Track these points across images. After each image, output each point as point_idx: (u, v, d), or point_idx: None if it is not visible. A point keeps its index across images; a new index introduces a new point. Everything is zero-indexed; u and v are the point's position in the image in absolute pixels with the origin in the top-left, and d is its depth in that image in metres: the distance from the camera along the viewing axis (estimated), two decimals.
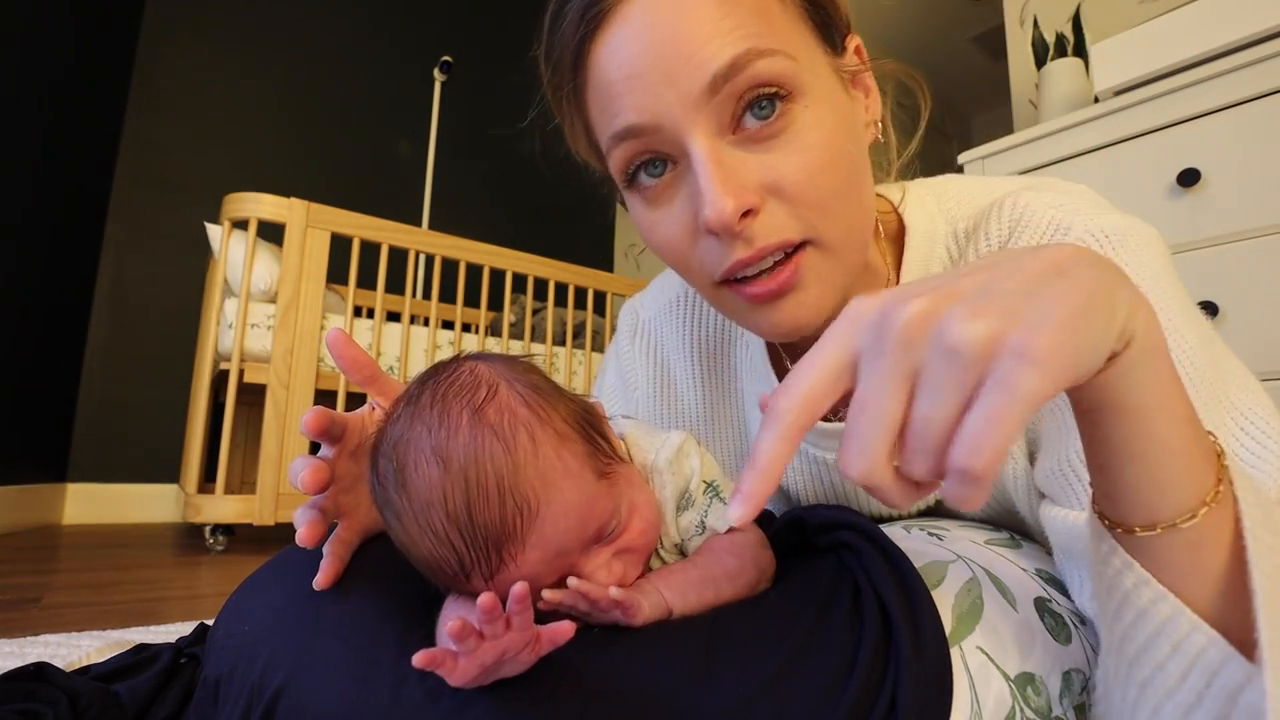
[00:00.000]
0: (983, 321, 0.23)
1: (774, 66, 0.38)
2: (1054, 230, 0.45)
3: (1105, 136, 1.25)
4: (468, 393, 0.38)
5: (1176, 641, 0.29)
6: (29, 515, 2.06)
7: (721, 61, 0.37)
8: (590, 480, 0.38)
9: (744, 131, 0.39)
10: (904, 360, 0.24)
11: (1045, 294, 0.24)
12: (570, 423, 0.39)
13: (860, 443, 0.24)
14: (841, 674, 0.35)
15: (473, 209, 3.15)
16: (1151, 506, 0.29)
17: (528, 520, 0.35)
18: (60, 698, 0.54)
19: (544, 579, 0.37)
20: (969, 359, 0.23)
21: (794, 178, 0.39)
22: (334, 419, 0.43)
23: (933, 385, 0.23)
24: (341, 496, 0.45)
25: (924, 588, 0.40)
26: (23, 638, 0.95)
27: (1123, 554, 0.30)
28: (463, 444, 0.36)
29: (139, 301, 2.43)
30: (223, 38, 2.65)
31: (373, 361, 0.48)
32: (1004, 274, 0.25)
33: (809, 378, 0.26)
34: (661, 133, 0.39)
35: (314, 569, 0.44)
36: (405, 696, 0.34)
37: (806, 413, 0.25)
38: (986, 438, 0.22)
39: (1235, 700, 0.28)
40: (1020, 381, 0.22)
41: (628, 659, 0.35)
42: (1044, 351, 0.22)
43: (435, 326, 2.09)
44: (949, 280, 0.26)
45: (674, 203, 0.42)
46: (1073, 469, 0.42)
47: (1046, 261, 0.25)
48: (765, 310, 0.42)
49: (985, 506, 0.55)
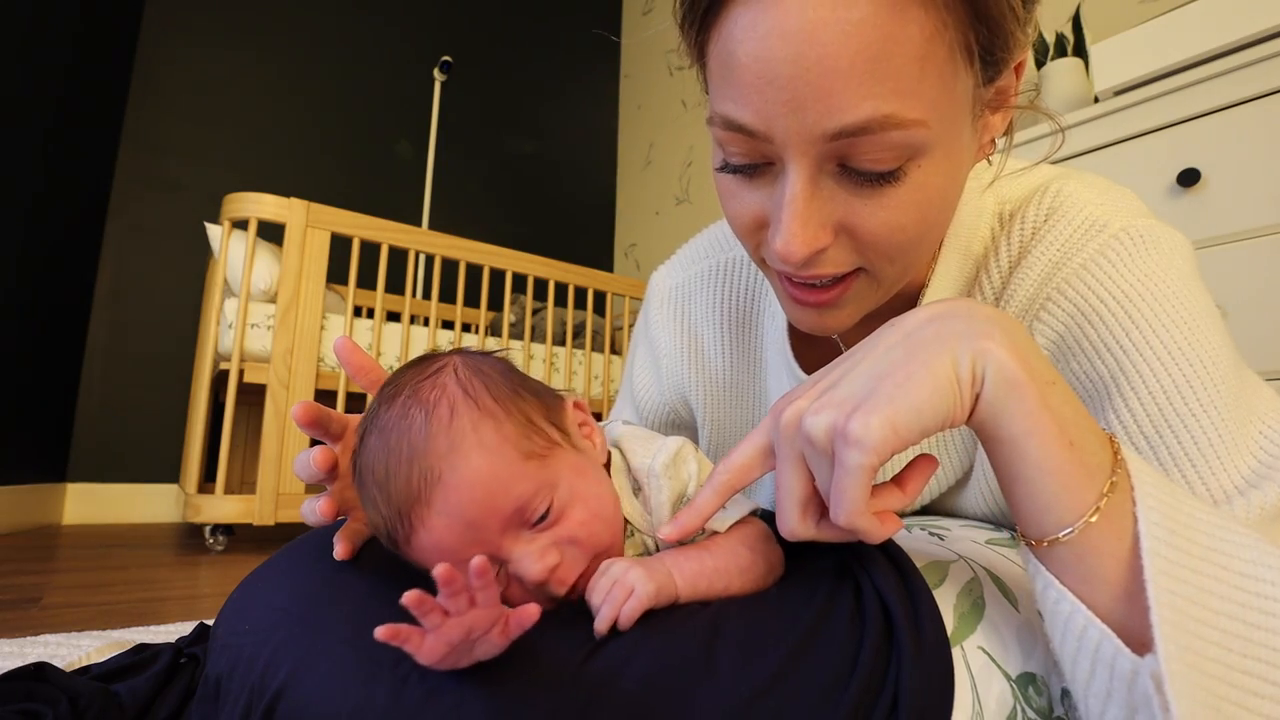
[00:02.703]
0: (822, 415, 0.32)
1: (907, 139, 0.35)
2: (1089, 225, 0.45)
3: (1105, 136, 1.25)
4: (417, 373, 0.41)
5: (1078, 637, 0.32)
6: (29, 515, 2.06)
7: (856, 118, 0.34)
8: (510, 457, 0.38)
9: (848, 172, 0.37)
10: (791, 448, 0.34)
11: (880, 370, 0.32)
12: (502, 402, 0.40)
13: (780, 511, 0.35)
14: (843, 673, 0.35)
15: (473, 209, 3.15)
16: (1038, 521, 0.33)
17: (430, 484, 0.36)
18: (60, 698, 0.54)
19: (460, 553, 0.36)
20: (818, 447, 0.32)
21: (875, 232, 0.38)
22: (327, 413, 0.44)
23: (811, 463, 0.33)
24: (347, 492, 0.46)
25: (926, 587, 0.40)
26: (23, 638, 0.95)
27: (1034, 561, 0.34)
28: (395, 415, 0.39)
29: (139, 301, 2.43)
30: (223, 38, 2.65)
31: (378, 366, 0.48)
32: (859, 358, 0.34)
33: (739, 457, 0.37)
34: (771, 145, 0.37)
35: (314, 568, 0.44)
36: (406, 697, 0.34)
37: (737, 478, 0.37)
38: (843, 504, 0.31)
39: (1133, 688, 0.30)
40: (848, 460, 0.30)
41: (629, 658, 0.35)
42: (858, 432, 0.30)
43: (435, 326, 2.09)
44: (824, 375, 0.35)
45: (756, 191, 0.40)
46: None
47: (899, 332, 0.34)
48: (800, 309, 0.44)
49: (986, 507, 0.55)
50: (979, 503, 0.56)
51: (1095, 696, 0.32)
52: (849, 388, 0.32)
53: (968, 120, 0.38)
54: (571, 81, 3.51)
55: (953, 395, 0.31)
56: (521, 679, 0.34)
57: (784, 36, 0.33)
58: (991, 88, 0.39)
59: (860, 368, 0.33)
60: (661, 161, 3.30)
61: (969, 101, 0.38)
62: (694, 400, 0.68)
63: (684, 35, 0.41)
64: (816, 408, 0.32)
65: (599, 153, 3.56)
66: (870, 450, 0.29)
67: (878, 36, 0.32)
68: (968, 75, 0.36)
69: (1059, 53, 1.50)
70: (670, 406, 0.71)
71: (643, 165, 3.43)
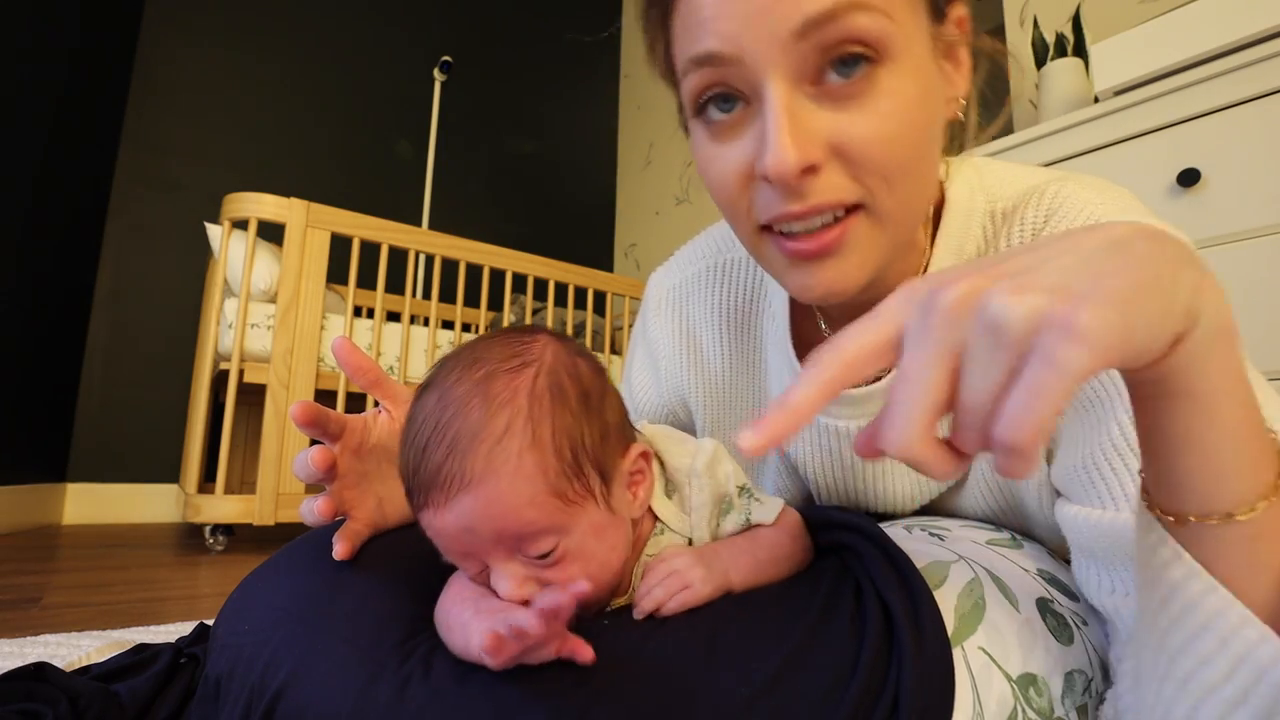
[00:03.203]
0: (1027, 297, 0.22)
1: (870, 24, 0.36)
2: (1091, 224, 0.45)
3: (1105, 136, 1.25)
4: (505, 355, 0.39)
5: (1225, 636, 0.28)
6: (29, 515, 2.06)
7: (818, 7, 0.35)
8: (538, 490, 0.37)
9: (824, 86, 0.38)
10: (948, 337, 0.24)
11: (1099, 268, 0.24)
12: (558, 435, 0.38)
13: (900, 415, 0.24)
14: (844, 673, 0.35)
15: (473, 209, 3.15)
16: (1210, 495, 0.28)
17: (456, 486, 0.36)
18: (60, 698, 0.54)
19: (451, 541, 0.38)
20: (1011, 336, 0.22)
21: (862, 142, 0.38)
22: (326, 413, 0.44)
23: (976, 361, 0.23)
24: (346, 492, 0.46)
25: (926, 588, 0.40)
26: (23, 638, 0.95)
27: (1172, 544, 0.29)
28: (460, 393, 0.38)
29: (139, 301, 2.43)
30: (223, 38, 2.65)
31: (377, 366, 0.48)
32: (1057, 250, 0.25)
33: (856, 341, 0.25)
34: (741, 66, 0.38)
35: (314, 568, 0.44)
36: (409, 696, 0.34)
37: (848, 371, 0.25)
38: (1028, 413, 0.22)
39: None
40: (1063, 356, 0.21)
41: (630, 658, 0.35)
42: (1089, 326, 0.21)
43: (435, 326, 2.09)
44: (1001, 259, 0.26)
45: (738, 141, 0.41)
46: (1097, 467, 0.41)
47: (1103, 237, 0.25)
48: (801, 270, 0.42)
49: (991, 501, 0.55)
50: (978, 502, 0.55)
51: (1221, 701, 0.29)
52: (1058, 276, 0.23)
53: (929, 47, 0.40)
54: (571, 81, 3.51)
55: (1171, 325, 0.25)
56: (523, 680, 0.34)
57: None
58: (942, 27, 0.42)
59: (1065, 259, 0.24)
60: (661, 161, 3.30)
61: (925, 23, 0.40)
62: (693, 402, 0.68)
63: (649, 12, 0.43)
64: (1015, 287, 0.23)
65: (599, 153, 3.56)
66: (1100, 352, 0.22)
67: None
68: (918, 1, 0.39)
69: (1059, 53, 1.50)
70: (669, 408, 0.71)
71: (643, 165, 3.43)
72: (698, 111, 0.42)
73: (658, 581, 0.40)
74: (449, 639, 0.38)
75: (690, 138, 0.45)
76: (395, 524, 0.49)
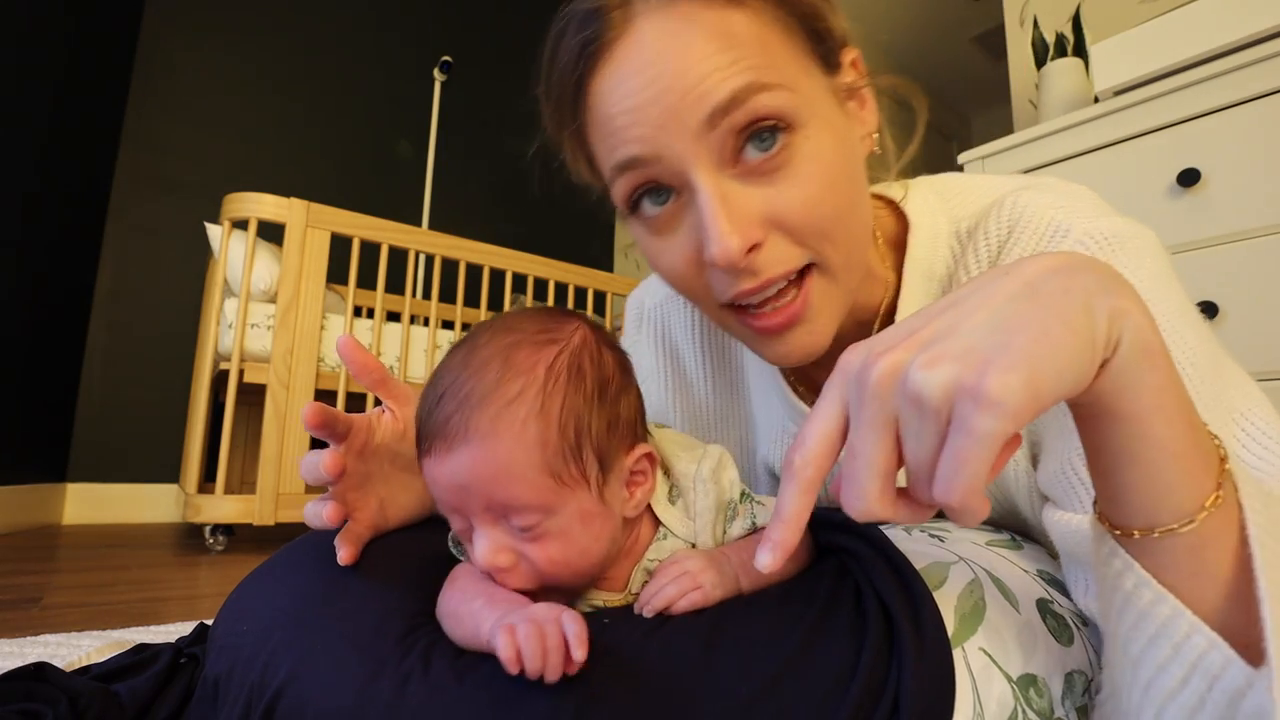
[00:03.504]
0: (939, 369, 0.25)
1: (774, 100, 0.38)
2: (1053, 231, 0.45)
3: (1105, 136, 1.25)
4: (537, 329, 0.41)
5: (1177, 644, 0.29)
6: (29, 515, 2.06)
7: (721, 95, 0.37)
8: (534, 463, 0.38)
9: (745, 164, 0.39)
10: (881, 410, 0.26)
11: (1009, 322, 0.25)
12: (566, 414, 0.39)
13: (854, 487, 0.27)
14: (844, 675, 0.35)
15: (473, 209, 3.15)
16: (1150, 510, 0.29)
17: (459, 439, 0.38)
18: (60, 698, 0.54)
19: (444, 492, 0.39)
20: (931, 407, 0.25)
21: (797, 210, 0.39)
22: (335, 415, 0.43)
23: (909, 430, 0.26)
24: (350, 494, 0.46)
25: (926, 589, 0.40)
26: (23, 638, 0.95)
27: (1124, 555, 0.30)
28: (486, 354, 0.39)
29: (139, 301, 2.43)
30: (223, 38, 2.65)
31: (382, 366, 0.48)
32: (972, 306, 0.27)
33: (814, 436, 0.28)
34: (663, 163, 0.40)
35: (314, 568, 0.44)
36: (409, 694, 0.34)
37: (818, 467, 0.28)
38: (956, 478, 0.24)
39: (1238, 704, 0.27)
40: (977, 425, 0.23)
41: (630, 659, 0.35)
42: (997, 394, 0.23)
43: (435, 326, 2.09)
44: (921, 323, 0.28)
45: (678, 232, 0.42)
46: (1074, 472, 0.42)
47: (1017, 282, 0.27)
48: (774, 340, 0.43)
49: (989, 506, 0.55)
50: None
51: (1181, 707, 0.29)
52: (969, 339, 0.25)
53: (832, 101, 0.42)
54: None
55: (1090, 359, 0.26)
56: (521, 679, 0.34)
57: (638, 72, 0.39)
58: (839, 77, 0.44)
59: (977, 317, 0.26)
60: None
61: (823, 80, 0.42)
62: (677, 425, 0.67)
63: (564, 136, 0.45)
64: (928, 360, 0.25)
65: None
66: (1010, 415, 0.23)
67: (715, 33, 0.38)
68: (809, 57, 0.41)
69: (1059, 53, 1.50)
70: None
71: None
72: (632, 209, 0.44)
73: (670, 580, 0.40)
74: (456, 629, 0.38)
75: (633, 235, 0.47)
76: (396, 525, 0.49)
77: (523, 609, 0.35)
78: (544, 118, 0.48)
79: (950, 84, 3.90)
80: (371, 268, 2.06)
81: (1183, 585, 0.29)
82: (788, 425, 0.57)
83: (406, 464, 0.49)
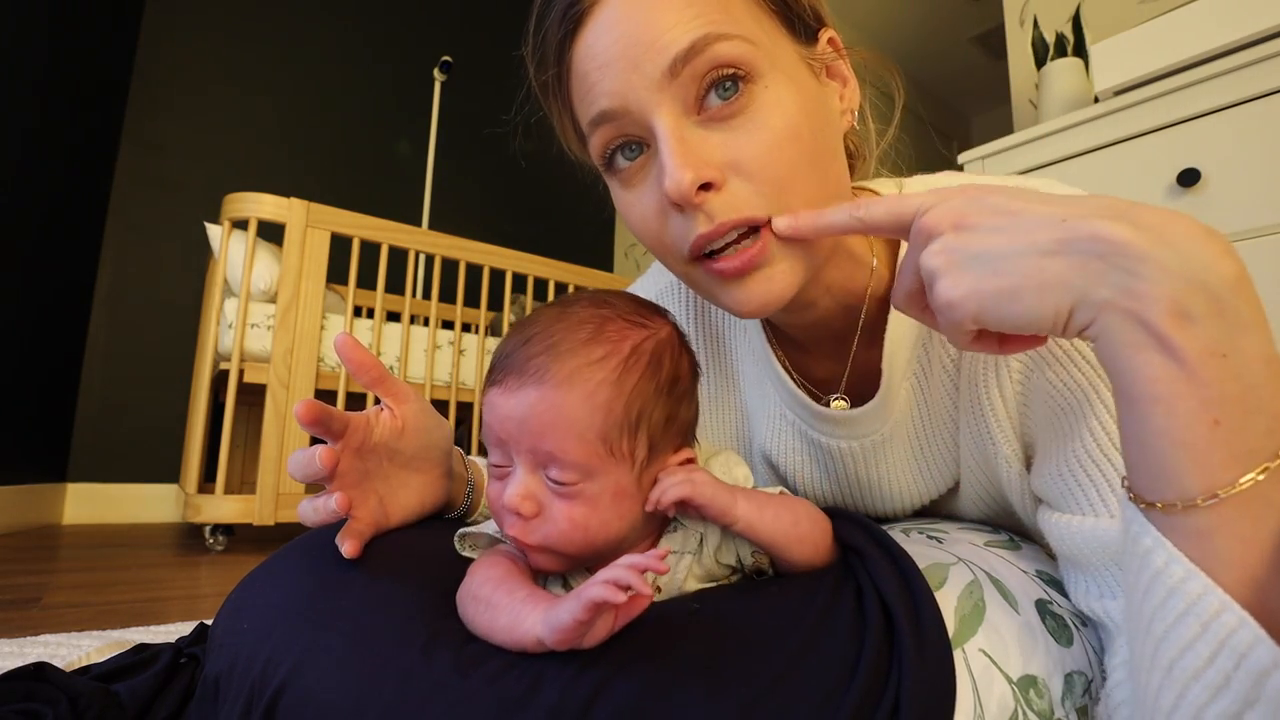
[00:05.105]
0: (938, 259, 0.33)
1: (733, 49, 0.40)
2: None
3: (1105, 136, 1.25)
4: (631, 310, 0.44)
5: (1205, 621, 0.29)
6: (29, 515, 2.06)
7: (681, 45, 0.39)
8: (591, 424, 0.40)
9: (707, 111, 0.41)
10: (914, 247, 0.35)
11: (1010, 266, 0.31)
12: (634, 394, 0.41)
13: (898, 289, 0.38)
14: (844, 675, 0.35)
15: (473, 209, 3.15)
16: (1160, 488, 0.30)
17: (534, 379, 0.40)
18: (60, 698, 0.54)
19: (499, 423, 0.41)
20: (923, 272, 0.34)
21: (753, 154, 0.40)
22: (330, 412, 0.44)
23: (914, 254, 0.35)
24: (349, 491, 0.45)
25: (927, 590, 0.40)
26: (23, 638, 0.95)
27: (1154, 532, 0.30)
28: (582, 315, 0.43)
29: (139, 301, 2.42)
30: (223, 38, 2.65)
31: (380, 364, 0.48)
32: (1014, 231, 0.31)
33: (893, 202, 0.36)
34: (630, 115, 0.41)
35: (313, 567, 0.44)
36: (411, 691, 0.34)
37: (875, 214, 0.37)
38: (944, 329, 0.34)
39: (1263, 684, 0.27)
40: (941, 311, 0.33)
41: (632, 658, 0.35)
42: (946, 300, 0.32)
43: (435, 326, 2.09)
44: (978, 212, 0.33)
45: (646, 183, 0.44)
46: (1074, 474, 0.42)
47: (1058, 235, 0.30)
48: (733, 287, 0.43)
49: (985, 507, 0.55)
50: (974, 507, 0.56)
51: (1205, 687, 0.29)
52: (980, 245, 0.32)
53: (800, 65, 0.44)
54: None
55: (1048, 329, 0.31)
56: (526, 676, 0.34)
57: (608, 30, 0.41)
58: (813, 48, 0.46)
59: (1001, 243, 0.31)
60: None
61: (791, 45, 0.44)
62: None
63: (549, 97, 0.48)
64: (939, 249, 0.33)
65: None
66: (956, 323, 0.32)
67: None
68: (772, 19, 0.43)
69: (1059, 53, 1.50)
70: None
71: None
72: (607, 165, 0.45)
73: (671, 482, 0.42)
74: (483, 614, 0.38)
75: (612, 195, 0.48)
76: (396, 524, 0.49)
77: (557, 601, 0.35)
78: (532, 82, 0.50)
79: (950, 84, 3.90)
80: (371, 268, 2.06)
81: (1212, 563, 0.29)
82: (786, 413, 0.57)
83: (405, 462, 0.49)
